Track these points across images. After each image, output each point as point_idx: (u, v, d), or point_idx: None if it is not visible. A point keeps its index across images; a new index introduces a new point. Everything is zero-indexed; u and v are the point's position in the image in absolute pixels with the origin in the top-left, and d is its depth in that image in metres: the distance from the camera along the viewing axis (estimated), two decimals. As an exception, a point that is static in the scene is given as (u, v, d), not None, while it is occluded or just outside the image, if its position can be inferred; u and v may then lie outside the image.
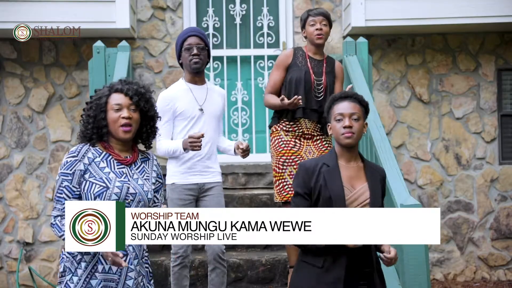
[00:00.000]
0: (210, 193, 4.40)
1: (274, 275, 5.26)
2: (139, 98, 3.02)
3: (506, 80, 7.04)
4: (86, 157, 3.02)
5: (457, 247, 6.88)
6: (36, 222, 6.77)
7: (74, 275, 3.00)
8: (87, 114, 3.05)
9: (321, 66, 4.69)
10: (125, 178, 3.02)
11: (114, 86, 3.06)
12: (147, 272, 3.12)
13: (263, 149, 6.94)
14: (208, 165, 4.40)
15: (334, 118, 3.08)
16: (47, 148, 6.81)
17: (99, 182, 2.98)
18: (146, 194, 3.04)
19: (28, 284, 6.72)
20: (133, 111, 3.02)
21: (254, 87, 7.00)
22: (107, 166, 3.02)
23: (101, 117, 3.01)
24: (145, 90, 3.07)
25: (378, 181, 3.07)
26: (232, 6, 7.04)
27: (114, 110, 3.00)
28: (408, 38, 6.94)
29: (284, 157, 4.56)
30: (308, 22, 4.70)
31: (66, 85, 6.82)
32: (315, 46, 4.71)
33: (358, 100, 3.11)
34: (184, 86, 4.44)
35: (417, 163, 6.92)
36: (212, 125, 4.41)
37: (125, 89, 3.02)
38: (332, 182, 3.01)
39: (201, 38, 4.41)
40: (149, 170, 3.14)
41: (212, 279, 4.45)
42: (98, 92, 3.09)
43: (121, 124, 3.00)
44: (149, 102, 3.07)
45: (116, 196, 2.97)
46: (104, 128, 3.02)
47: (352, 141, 3.04)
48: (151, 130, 3.13)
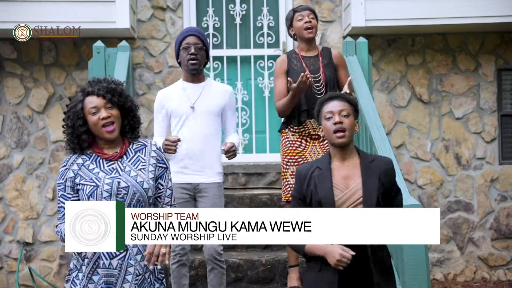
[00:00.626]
0: (205, 194, 4.37)
1: (274, 275, 5.26)
2: (112, 95, 3.03)
3: (506, 80, 7.04)
4: (75, 164, 3.05)
5: (457, 247, 6.88)
6: (36, 222, 6.77)
7: (79, 272, 3.02)
8: (66, 124, 3.07)
9: (317, 62, 4.67)
10: (116, 173, 3.03)
11: (86, 89, 3.06)
12: (154, 269, 3.11)
13: (263, 149, 6.94)
14: (203, 165, 4.37)
15: (324, 117, 3.09)
16: (47, 148, 6.81)
17: (89, 182, 3.00)
18: (140, 184, 3.03)
19: (28, 284, 6.72)
20: (110, 109, 3.03)
21: (254, 87, 7.00)
22: (96, 167, 3.04)
23: (79, 124, 3.02)
24: (116, 84, 3.08)
25: (375, 175, 3.04)
26: (232, 6, 7.04)
27: (92, 114, 3.01)
28: (408, 38, 6.94)
29: (289, 157, 4.59)
30: (295, 18, 4.68)
31: (66, 85, 6.82)
32: (306, 42, 4.68)
33: (346, 99, 3.13)
34: (180, 85, 4.48)
35: (417, 163, 6.92)
36: (205, 123, 4.38)
37: (96, 90, 3.02)
38: (322, 185, 3.02)
39: (200, 38, 4.41)
40: (146, 157, 3.12)
41: (210, 279, 4.45)
42: (72, 100, 3.09)
43: (103, 125, 3.01)
44: (122, 95, 3.07)
45: (107, 192, 2.98)
46: (83, 135, 3.03)
47: (345, 140, 3.04)
48: (133, 121, 3.12)
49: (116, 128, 3.04)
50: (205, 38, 4.48)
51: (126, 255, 3.00)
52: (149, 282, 3.06)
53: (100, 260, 2.99)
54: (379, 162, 3.11)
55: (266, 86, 6.96)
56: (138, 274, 3.02)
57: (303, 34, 4.64)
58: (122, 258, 3.00)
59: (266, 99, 6.95)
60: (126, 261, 3.00)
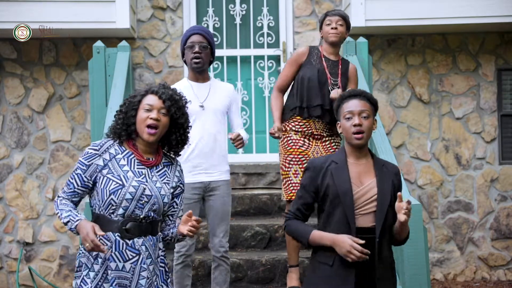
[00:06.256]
0: (216, 192, 4.40)
1: (274, 275, 5.26)
2: (171, 103, 3.04)
3: (506, 80, 7.04)
4: (107, 153, 3.04)
5: (457, 247, 6.88)
6: (36, 222, 6.77)
7: (90, 271, 3.00)
8: (120, 109, 3.09)
9: (336, 67, 4.69)
10: (143, 178, 3.03)
11: (151, 88, 3.09)
12: (161, 272, 3.12)
13: (263, 149, 6.94)
14: (213, 163, 4.39)
15: (343, 116, 3.10)
16: (47, 148, 6.81)
17: (116, 179, 2.99)
18: (162, 198, 3.05)
19: (28, 284, 6.72)
20: (162, 115, 3.03)
21: (254, 87, 7.00)
22: (126, 164, 3.03)
23: (131, 114, 3.04)
24: (179, 97, 3.10)
25: (388, 177, 3.08)
26: (232, 6, 7.04)
27: (145, 110, 3.02)
28: (408, 38, 6.94)
29: (292, 155, 4.59)
30: (324, 22, 4.71)
31: (66, 85, 6.82)
32: (330, 45, 4.70)
33: (367, 98, 3.14)
34: (186, 84, 4.47)
35: (417, 163, 6.93)
36: (214, 121, 4.40)
37: (160, 92, 3.05)
38: (340, 178, 3.04)
39: (205, 37, 4.40)
40: (171, 174, 3.14)
41: (215, 277, 4.46)
42: (135, 91, 3.13)
43: (148, 125, 3.01)
44: (181, 110, 3.09)
45: (130, 195, 2.98)
46: (132, 125, 3.04)
47: (363, 142, 3.07)
48: (181, 138, 3.13)
49: (158, 134, 3.04)
50: (210, 36, 4.47)
51: (139, 260, 3.00)
52: (156, 286, 3.08)
53: (110, 261, 2.98)
54: (389, 165, 3.17)
55: (266, 86, 6.96)
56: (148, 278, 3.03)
57: (328, 38, 4.67)
58: (135, 262, 3.00)
59: (266, 99, 6.95)
60: (139, 265, 3.01)
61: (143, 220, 3.01)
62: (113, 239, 2.98)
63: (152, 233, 3.07)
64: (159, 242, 3.12)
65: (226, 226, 4.44)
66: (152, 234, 3.06)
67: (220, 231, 4.41)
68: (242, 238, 5.58)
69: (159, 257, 3.11)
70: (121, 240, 2.99)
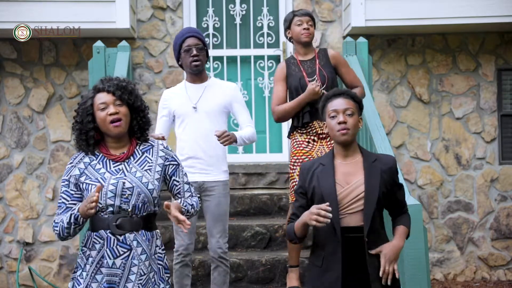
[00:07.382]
0: (212, 192, 4.40)
1: (274, 275, 5.26)
2: (121, 92, 3.04)
3: (506, 80, 7.04)
4: (82, 162, 3.08)
5: (457, 247, 6.88)
6: (36, 222, 6.77)
7: (83, 271, 3.04)
8: (74, 121, 3.09)
9: (313, 64, 4.72)
10: (121, 174, 3.05)
11: (96, 86, 3.09)
12: (159, 269, 3.11)
13: (263, 149, 6.94)
14: (209, 163, 4.40)
15: (328, 115, 3.14)
16: (47, 148, 6.81)
17: (94, 182, 3.02)
18: (145, 185, 3.04)
19: (28, 284, 6.72)
20: (119, 106, 3.04)
21: (254, 87, 7.00)
22: (102, 167, 3.06)
23: (88, 120, 3.03)
24: (127, 82, 3.10)
25: (378, 173, 3.07)
26: (232, 6, 7.04)
27: (101, 110, 3.03)
28: (408, 38, 6.94)
29: (296, 157, 4.62)
30: (294, 22, 4.75)
31: (66, 85, 6.82)
32: (302, 46, 4.75)
33: (351, 96, 3.17)
34: (182, 86, 4.53)
35: (417, 163, 6.92)
36: (208, 122, 4.40)
37: (106, 87, 3.05)
38: (324, 180, 3.07)
39: (199, 39, 4.44)
40: (153, 158, 3.13)
41: (214, 278, 4.46)
42: (83, 97, 3.12)
43: (110, 121, 3.02)
44: (132, 94, 3.09)
45: (112, 193, 3.00)
46: (91, 131, 3.04)
47: (348, 138, 3.08)
48: (142, 121, 3.13)
49: (123, 125, 3.05)
50: (203, 37, 4.51)
51: (130, 255, 3.01)
52: (153, 282, 3.07)
53: (104, 259, 3.00)
54: (382, 161, 3.15)
55: (266, 86, 6.96)
56: (142, 274, 3.03)
57: (300, 38, 4.70)
58: (126, 257, 3.01)
59: (266, 99, 6.95)
60: (130, 260, 3.01)
61: (133, 215, 3.02)
62: (104, 236, 3.00)
63: (146, 228, 3.06)
64: (156, 239, 3.12)
65: (223, 226, 4.44)
66: (146, 229, 3.06)
67: (217, 231, 4.41)
68: (242, 238, 5.58)
69: (156, 254, 3.11)
70: (112, 237, 3.00)
